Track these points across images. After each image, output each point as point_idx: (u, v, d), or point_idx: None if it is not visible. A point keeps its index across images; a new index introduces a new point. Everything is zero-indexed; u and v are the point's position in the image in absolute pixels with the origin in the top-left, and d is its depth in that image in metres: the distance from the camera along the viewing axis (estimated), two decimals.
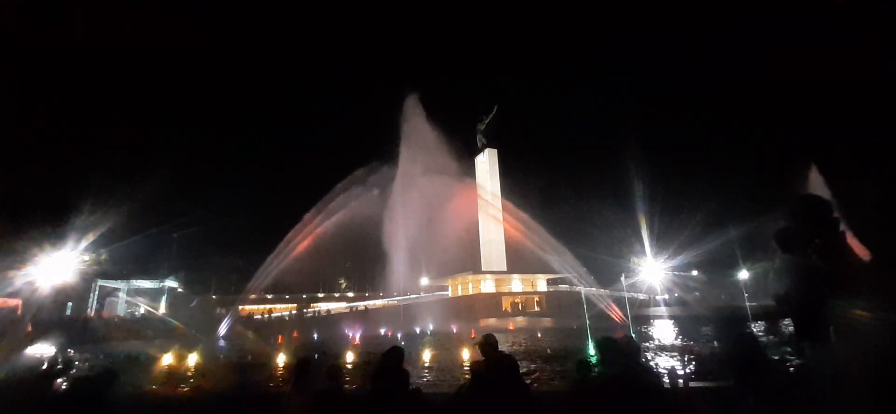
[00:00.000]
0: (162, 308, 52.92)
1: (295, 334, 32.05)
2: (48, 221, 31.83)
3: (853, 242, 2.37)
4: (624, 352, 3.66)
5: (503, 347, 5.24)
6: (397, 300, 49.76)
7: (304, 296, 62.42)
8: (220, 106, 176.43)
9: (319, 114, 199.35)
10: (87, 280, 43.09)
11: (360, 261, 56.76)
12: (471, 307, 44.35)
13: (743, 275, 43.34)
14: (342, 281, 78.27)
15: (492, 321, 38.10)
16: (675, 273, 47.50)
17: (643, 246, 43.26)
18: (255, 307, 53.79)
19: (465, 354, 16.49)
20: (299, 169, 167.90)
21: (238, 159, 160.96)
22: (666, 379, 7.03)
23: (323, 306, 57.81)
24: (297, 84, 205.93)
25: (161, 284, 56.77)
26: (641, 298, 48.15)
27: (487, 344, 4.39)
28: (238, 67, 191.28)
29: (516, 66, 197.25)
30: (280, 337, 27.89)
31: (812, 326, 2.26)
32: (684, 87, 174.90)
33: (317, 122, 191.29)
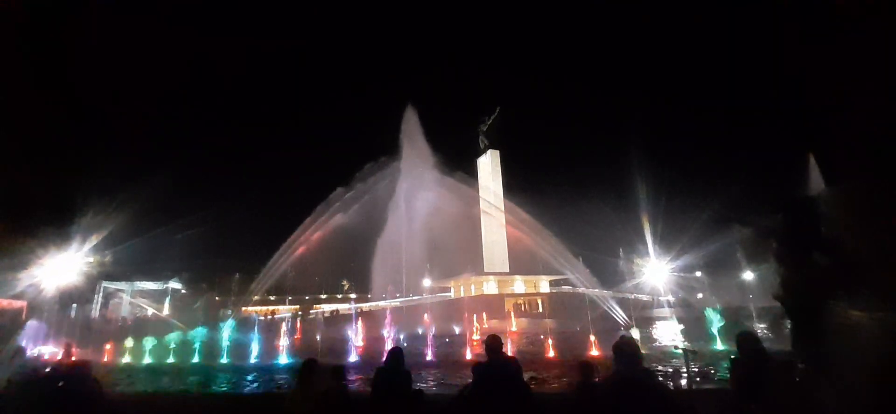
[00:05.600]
0: (165, 309, 53.15)
1: (297, 336, 32.04)
2: (53, 223, 32.00)
3: (856, 241, 2.34)
4: (628, 353, 3.64)
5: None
6: (400, 301, 49.78)
7: (307, 297, 62.56)
8: (222, 107, 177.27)
9: (321, 114, 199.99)
10: (92, 281, 43.33)
11: (363, 262, 56.79)
12: (473, 308, 44.26)
13: (747, 275, 43.05)
14: (345, 282, 78.40)
15: (494, 323, 38.05)
16: (679, 274, 47.27)
17: (646, 247, 43.06)
18: (258, 308, 53.95)
19: (468, 355, 16.50)
20: (302, 170, 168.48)
21: (240, 161, 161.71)
22: (669, 381, 7.02)
23: (325, 307, 57.94)
24: (299, 84, 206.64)
25: (165, 285, 57.06)
26: (645, 298, 47.92)
27: (492, 345, 4.38)
28: (241, 68, 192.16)
29: (518, 66, 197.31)
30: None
31: (809, 327, 2.22)
32: (688, 85, 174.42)
33: (319, 122, 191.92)
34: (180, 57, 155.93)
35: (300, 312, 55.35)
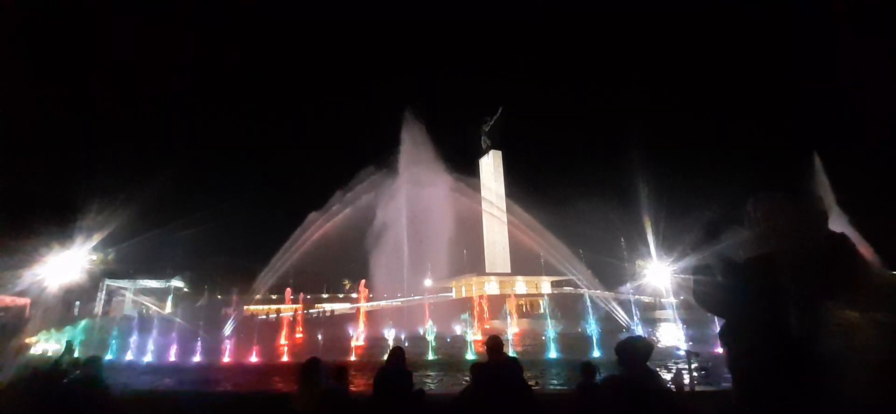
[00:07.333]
0: (168, 307, 53.30)
1: (298, 337, 32.08)
2: (56, 221, 32.12)
3: (854, 241, 2.28)
4: (630, 354, 3.62)
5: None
6: (401, 301, 49.78)
7: (309, 296, 62.57)
8: (225, 107, 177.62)
9: (324, 114, 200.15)
10: (95, 279, 43.48)
11: (364, 262, 56.83)
12: (474, 309, 44.15)
13: None
14: (346, 282, 78.41)
15: (496, 323, 38.02)
16: (681, 275, 46.97)
17: (649, 248, 42.84)
18: (259, 307, 54.00)
19: (469, 356, 16.50)
20: (304, 169, 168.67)
21: (244, 160, 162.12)
22: (671, 383, 7.00)
23: (326, 307, 58.01)
24: (302, 84, 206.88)
25: (167, 283, 57.23)
26: (646, 300, 47.69)
27: (492, 345, 4.39)
28: (242, 68, 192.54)
29: (521, 66, 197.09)
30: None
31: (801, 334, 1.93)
32: (689, 85, 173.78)
33: (321, 122, 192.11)
34: (181, 57, 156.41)
35: (301, 311, 55.41)
